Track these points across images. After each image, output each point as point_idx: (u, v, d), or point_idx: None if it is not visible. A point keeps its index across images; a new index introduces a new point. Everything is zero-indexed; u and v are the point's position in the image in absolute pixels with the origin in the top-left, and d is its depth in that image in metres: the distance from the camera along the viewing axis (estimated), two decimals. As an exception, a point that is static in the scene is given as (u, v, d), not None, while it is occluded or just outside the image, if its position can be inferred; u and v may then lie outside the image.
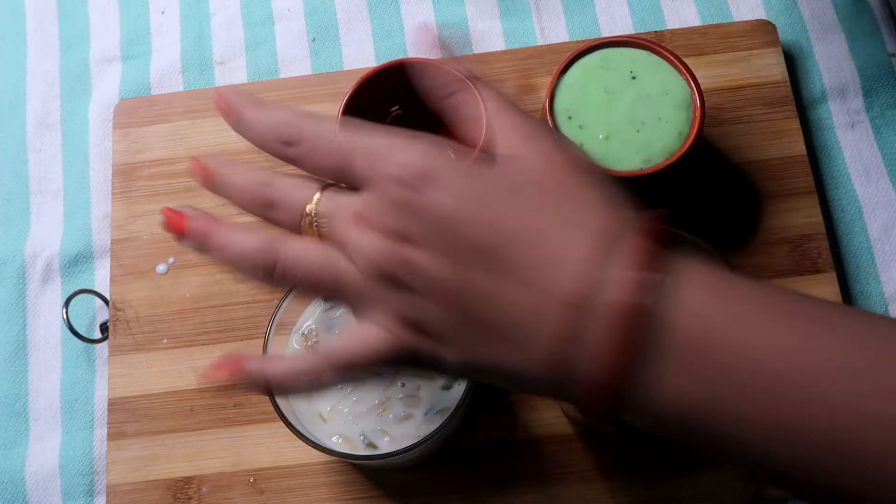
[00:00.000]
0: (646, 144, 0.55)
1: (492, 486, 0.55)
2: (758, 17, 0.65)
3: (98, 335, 0.61)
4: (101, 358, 0.61)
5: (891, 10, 0.66)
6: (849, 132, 0.63)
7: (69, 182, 0.66)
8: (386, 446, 0.51)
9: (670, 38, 0.64)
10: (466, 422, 0.56)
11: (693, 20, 0.66)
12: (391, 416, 0.51)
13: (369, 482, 0.56)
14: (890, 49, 0.65)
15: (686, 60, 0.56)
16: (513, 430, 0.56)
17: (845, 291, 0.59)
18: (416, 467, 0.56)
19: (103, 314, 0.62)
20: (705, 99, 0.56)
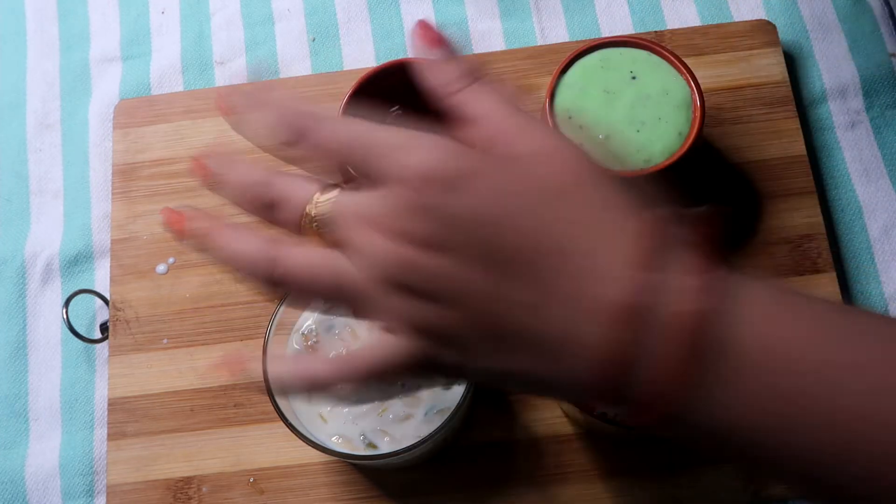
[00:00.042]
0: (646, 144, 0.55)
1: (492, 486, 0.55)
2: (758, 17, 0.65)
3: (98, 335, 0.61)
4: (101, 358, 0.61)
5: (891, 10, 0.66)
6: (849, 132, 0.63)
7: (69, 182, 0.66)
8: (386, 446, 0.51)
9: (670, 38, 0.64)
10: (466, 422, 0.56)
11: (693, 20, 0.66)
12: (391, 416, 0.51)
13: (369, 482, 0.56)
14: (890, 49, 0.65)
15: (686, 60, 0.56)
16: (513, 430, 0.56)
17: (845, 291, 0.59)
18: (416, 467, 0.56)
19: (103, 314, 0.62)
20: (705, 99, 0.56)
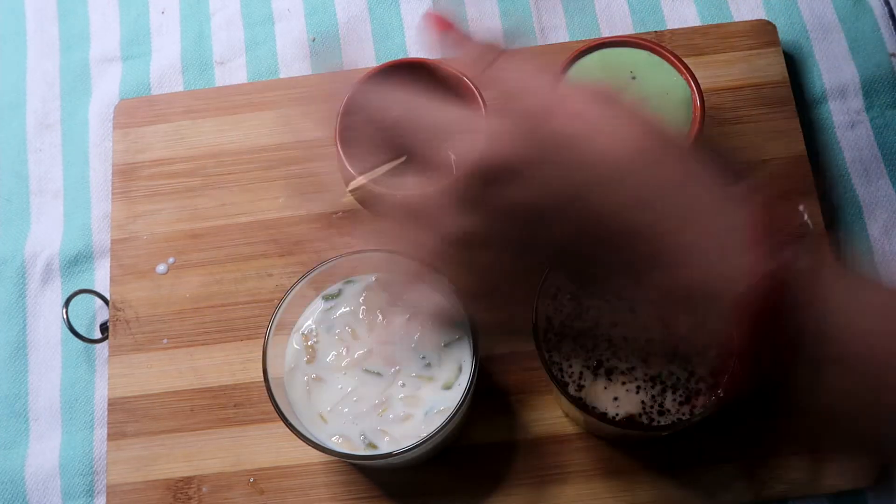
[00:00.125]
0: (646, 144, 0.55)
1: (492, 486, 0.55)
2: (758, 17, 0.65)
3: (98, 335, 0.61)
4: (101, 358, 0.61)
5: (891, 10, 0.66)
6: (849, 132, 0.63)
7: (69, 182, 0.66)
8: (386, 446, 0.51)
9: (670, 38, 0.64)
10: (466, 422, 0.56)
11: (693, 20, 0.66)
12: (391, 416, 0.51)
13: (369, 482, 0.56)
14: (890, 49, 0.65)
15: (686, 60, 0.56)
16: (513, 430, 0.56)
17: (845, 291, 0.59)
18: (416, 467, 0.56)
19: (103, 314, 0.62)
20: (705, 99, 0.56)
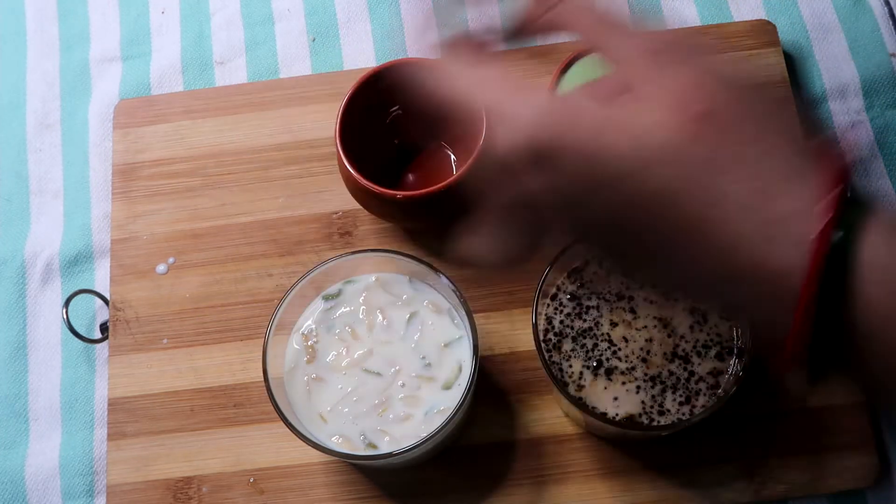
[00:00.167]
0: (646, 144, 0.54)
1: (492, 486, 0.55)
2: (758, 17, 0.65)
3: (98, 335, 0.61)
4: (101, 358, 0.61)
5: (891, 10, 0.66)
6: (849, 132, 0.63)
7: (69, 182, 0.66)
8: (386, 446, 0.51)
9: (670, 38, 0.64)
10: (466, 422, 0.56)
11: (693, 20, 0.66)
12: (391, 416, 0.51)
13: (369, 482, 0.56)
14: (890, 49, 0.65)
15: (686, 60, 0.56)
16: (513, 430, 0.56)
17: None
18: (416, 467, 0.56)
19: (103, 314, 0.62)
20: (705, 99, 0.55)
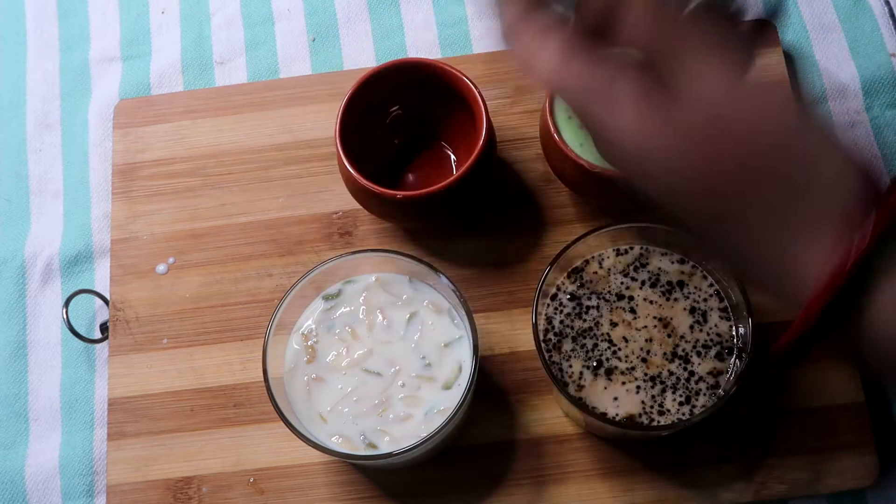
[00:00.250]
0: (646, 144, 0.55)
1: (492, 486, 0.55)
2: (757, 17, 0.65)
3: (98, 335, 0.61)
4: (101, 358, 0.61)
5: (891, 10, 0.66)
6: (848, 132, 0.63)
7: (69, 182, 0.66)
8: (386, 446, 0.51)
9: (670, 38, 0.64)
10: (466, 422, 0.56)
11: (693, 20, 0.66)
12: (391, 416, 0.51)
13: (369, 482, 0.56)
14: (890, 49, 0.65)
15: (686, 60, 0.56)
16: (513, 430, 0.56)
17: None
18: (416, 467, 0.56)
19: (103, 314, 0.62)
20: (705, 99, 0.55)
